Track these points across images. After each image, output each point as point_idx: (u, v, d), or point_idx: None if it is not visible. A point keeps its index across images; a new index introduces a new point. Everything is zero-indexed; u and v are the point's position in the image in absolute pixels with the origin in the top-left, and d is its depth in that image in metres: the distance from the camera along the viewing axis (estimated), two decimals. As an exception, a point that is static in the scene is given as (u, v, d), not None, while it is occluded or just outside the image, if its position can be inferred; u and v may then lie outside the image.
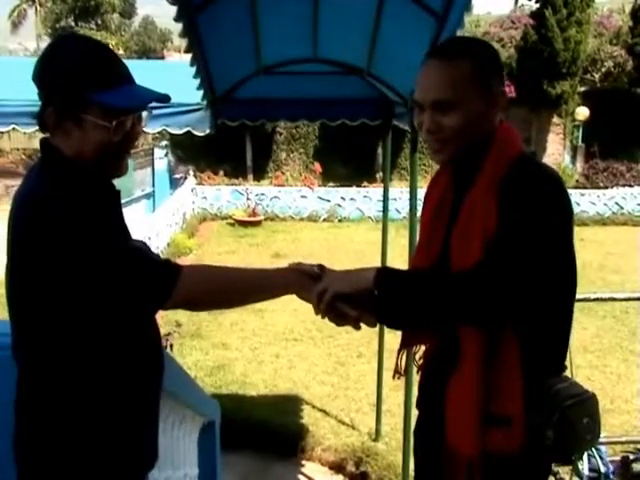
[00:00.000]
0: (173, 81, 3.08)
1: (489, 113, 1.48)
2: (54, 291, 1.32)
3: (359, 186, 14.97)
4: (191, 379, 3.01)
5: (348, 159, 17.51)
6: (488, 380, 1.42)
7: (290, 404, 5.00)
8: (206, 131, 3.67)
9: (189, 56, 2.95)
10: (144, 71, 1.77)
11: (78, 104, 1.37)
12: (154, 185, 14.38)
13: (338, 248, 11.08)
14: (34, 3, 41.17)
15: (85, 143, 1.40)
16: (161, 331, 1.63)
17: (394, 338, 1.98)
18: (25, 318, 1.39)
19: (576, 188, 15.32)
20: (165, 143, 16.32)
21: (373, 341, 5.07)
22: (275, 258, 10.00)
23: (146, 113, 1.51)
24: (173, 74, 3.70)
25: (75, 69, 1.37)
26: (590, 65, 19.65)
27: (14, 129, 3.65)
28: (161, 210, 11.48)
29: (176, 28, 2.64)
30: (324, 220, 13.98)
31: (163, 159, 15.50)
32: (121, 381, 1.44)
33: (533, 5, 19.52)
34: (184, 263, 1.48)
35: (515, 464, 1.45)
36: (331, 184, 15.96)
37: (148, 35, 42.20)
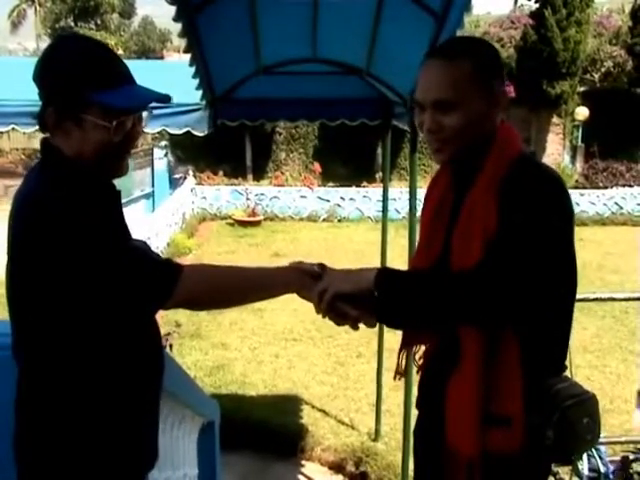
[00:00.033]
0: (172, 81, 3.08)
1: (490, 113, 1.48)
2: (54, 291, 1.32)
3: (359, 186, 14.96)
4: (191, 379, 3.01)
5: (348, 159, 17.52)
6: (488, 380, 1.42)
7: (289, 404, 5.00)
8: (205, 131, 3.67)
9: (188, 56, 2.95)
10: (143, 71, 1.77)
11: (78, 104, 1.37)
12: (153, 185, 14.36)
13: (337, 248, 11.08)
14: (34, 3, 41.17)
15: (85, 143, 1.40)
16: (161, 331, 1.63)
17: (394, 338, 1.98)
18: (25, 318, 1.39)
19: (576, 188, 15.32)
20: (164, 143, 16.33)
21: (373, 341, 5.07)
22: (275, 258, 10.00)
23: (146, 113, 1.51)
24: (172, 74, 3.70)
25: (75, 69, 1.37)
26: (590, 65, 19.66)
27: (14, 129, 3.66)
28: (161, 210, 11.48)
29: (175, 28, 2.64)
30: (324, 220, 13.97)
31: (162, 159, 15.49)
32: (121, 381, 1.44)
33: (533, 5, 19.54)
34: (184, 263, 1.48)
35: (515, 464, 1.45)
36: (331, 184, 15.96)
37: (147, 35, 42.20)
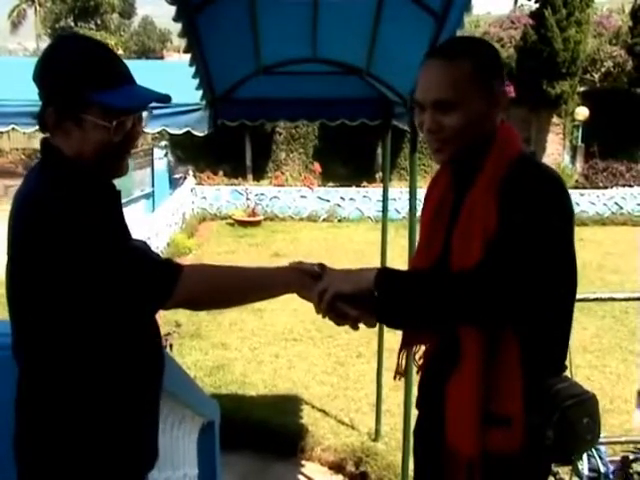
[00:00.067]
0: (172, 81, 3.07)
1: (490, 113, 1.48)
2: (54, 291, 1.32)
3: (359, 186, 14.96)
4: (191, 379, 3.01)
5: (348, 159, 17.52)
6: (488, 380, 1.42)
7: (289, 404, 5.00)
8: (205, 131, 3.67)
9: (188, 56, 2.95)
10: (143, 71, 1.76)
11: (78, 104, 1.37)
12: (153, 185, 14.37)
13: (337, 248, 11.08)
14: (33, 3, 41.17)
15: (85, 143, 1.40)
16: (161, 331, 1.63)
17: (394, 338, 1.98)
18: (25, 318, 1.39)
19: (575, 188, 15.32)
20: (164, 143, 16.33)
21: (373, 341, 5.06)
22: (275, 258, 10.00)
23: (146, 113, 1.50)
24: (172, 74, 3.69)
25: (75, 69, 1.37)
26: (590, 65, 19.66)
27: (13, 129, 3.66)
28: (160, 210, 11.48)
29: (175, 28, 2.64)
30: (323, 220, 13.97)
31: (162, 159, 15.49)
32: (121, 381, 1.44)
33: (532, 5, 19.54)
34: (184, 263, 1.48)
35: (515, 464, 1.45)
36: (331, 184, 15.96)
37: (147, 35, 42.21)
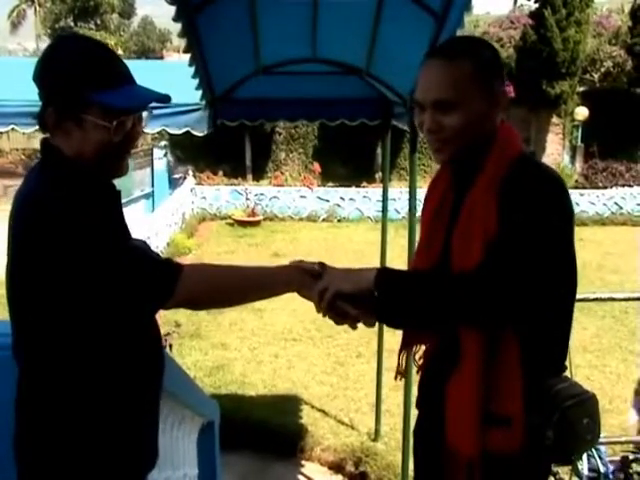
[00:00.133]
0: (172, 81, 3.07)
1: (490, 113, 1.48)
2: (54, 291, 1.32)
3: (358, 186, 14.96)
4: (190, 379, 3.00)
5: (347, 159, 17.53)
6: (488, 380, 1.42)
7: (289, 404, 5.00)
8: (205, 131, 3.67)
9: (188, 56, 2.94)
10: (143, 71, 1.76)
11: (78, 104, 1.37)
12: (153, 185, 14.38)
13: (337, 248, 11.08)
14: (33, 3, 41.15)
15: (85, 143, 1.40)
16: (161, 331, 1.63)
17: (394, 338, 1.98)
18: (25, 318, 1.39)
19: (575, 188, 15.33)
20: (164, 143, 16.33)
21: (372, 341, 5.07)
22: (274, 258, 10.00)
23: (146, 113, 1.51)
24: (172, 74, 3.69)
25: (75, 69, 1.37)
26: (589, 65, 19.66)
27: (13, 129, 3.65)
28: (160, 210, 11.48)
29: (175, 28, 2.64)
30: (323, 220, 13.97)
31: (162, 159, 15.50)
32: (121, 381, 1.44)
33: (532, 5, 19.54)
34: (184, 263, 1.48)
35: (515, 464, 1.45)
36: (330, 184, 15.96)
37: (147, 35, 42.25)
